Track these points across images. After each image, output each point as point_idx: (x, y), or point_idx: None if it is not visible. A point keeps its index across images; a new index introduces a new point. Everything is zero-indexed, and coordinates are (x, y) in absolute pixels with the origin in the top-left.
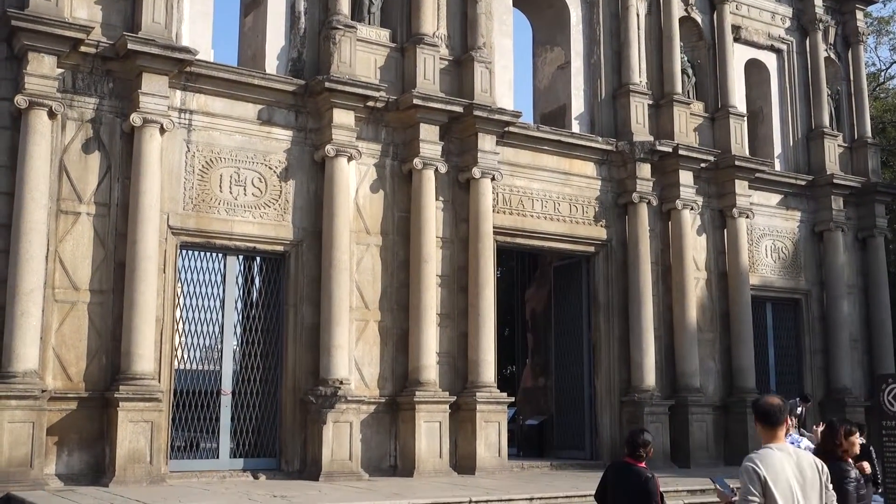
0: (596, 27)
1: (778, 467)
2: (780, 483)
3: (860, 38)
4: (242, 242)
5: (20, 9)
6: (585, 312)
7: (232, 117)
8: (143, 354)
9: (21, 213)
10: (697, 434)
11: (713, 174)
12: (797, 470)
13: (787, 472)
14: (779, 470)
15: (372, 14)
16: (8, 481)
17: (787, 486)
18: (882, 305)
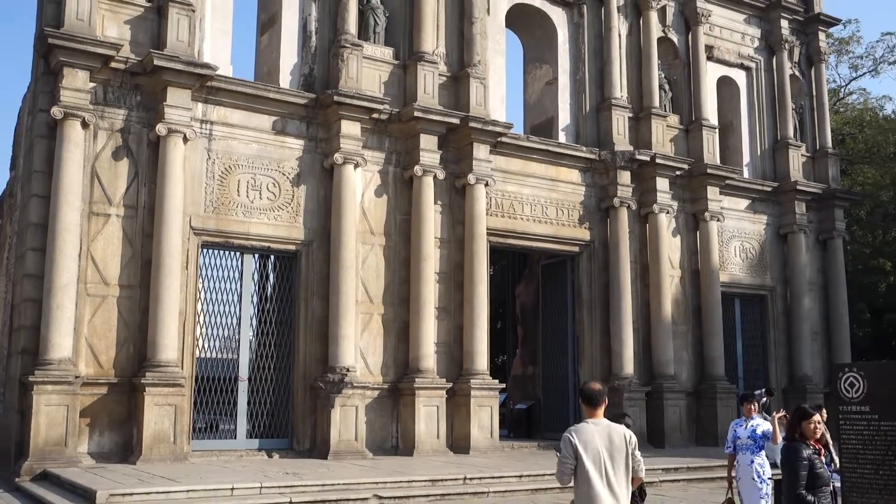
0: (581, 46)
1: (588, 437)
2: (589, 449)
3: (822, 57)
4: (258, 242)
5: (56, 28)
6: (570, 307)
7: (249, 127)
8: (168, 344)
9: (56, 215)
10: (671, 417)
11: (687, 181)
12: (607, 440)
13: (597, 440)
14: (588, 439)
15: (377, 33)
16: (45, 459)
17: (596, 451)
18: (840, 301)
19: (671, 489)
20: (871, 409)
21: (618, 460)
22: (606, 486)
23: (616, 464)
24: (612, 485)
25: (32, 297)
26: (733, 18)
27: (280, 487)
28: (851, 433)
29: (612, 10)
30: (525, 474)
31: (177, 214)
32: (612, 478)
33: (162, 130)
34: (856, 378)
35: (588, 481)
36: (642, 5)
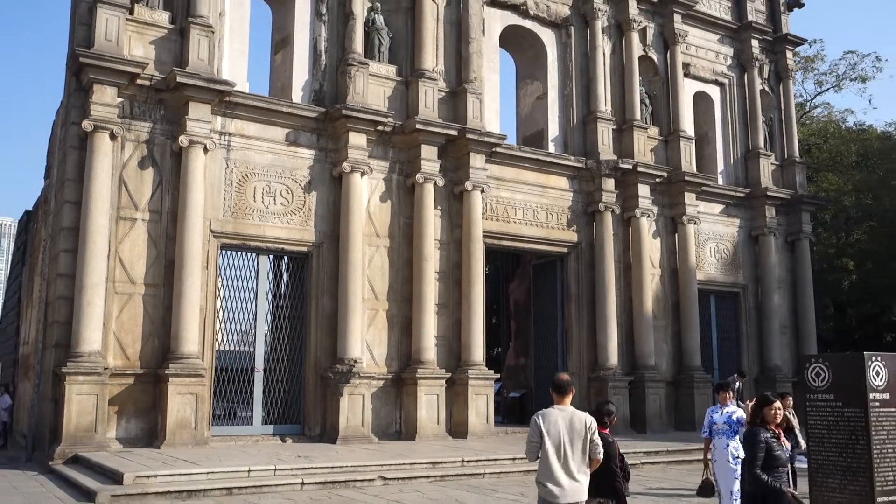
0: (569, 65)
1: (552, 420)
2: (552, 431)
3: (790, 73)
4: (272, 244)
5: (87, 48)
6: (559, 303)
7: (264, 139)
8: (189, 338)
9: (87, 219)
10: (652, 405)
11: (666, 187)
12: (568, 423)
13: (560, 424)
14: (552, 422)
15: (381, 53)
16: (76, 444)
17: (558, 433)
18: (807, 298)
19: (652, 470)
20: (835, 396)
21: (576, 443)
22: (563, 464)
23: (574, 446)
24: (568, 463)
25: (65, 294)
26: (708, 38)
27: (293, 469)
28: (817, 419)
29: (596, 31)
30: (518, 457)
31: (198, 219)
32: (570, 457)
33: (184, 142)
34: (821, 368)
35: (547, 459)
36: (624, 26)
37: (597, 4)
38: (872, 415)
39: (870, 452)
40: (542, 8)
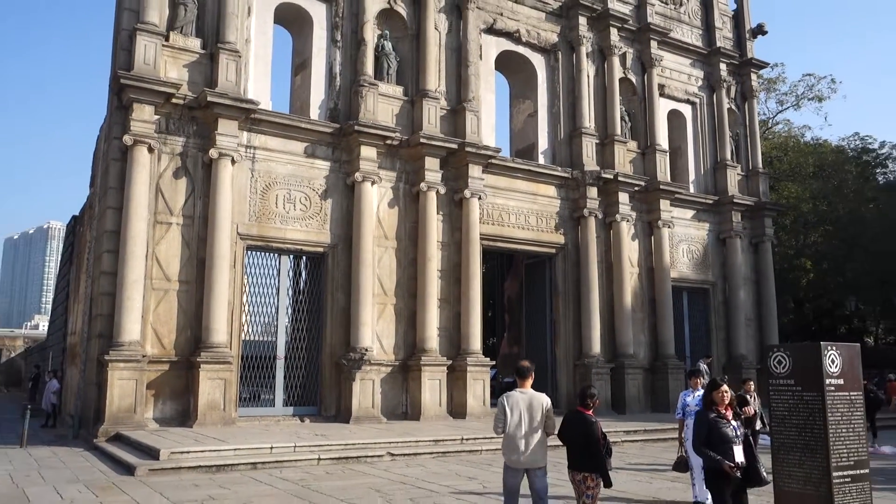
0: (556, 86)
1: (514, 401)
2: (514, 410)
3: (754, 94)
4: (292, 245)
5: (127, 70)
6: (548, 298)
7: (285, 152)
8: (219, 329)
9: (127, 223)
10: (631, 389)
11: (644, 195)
12: (528, 403)
13: (521, 404)
14: (514, 403)
15: (389, 75)
16: (118, 424)
17: (519, 412)
18: (769, 294)
19: (631, 448)
20: (795, 381)
21: (534, 419)
22: (522, 437)
23: (532, 422)
24: (526, 436)
25: (108, 290)
26: (681, 62)
27: (310, 446)
28: (779, 402)
29: (581, 56)
30: None
31: (226, 223)
32: (528, 431)
33: (214, 154)
34: (783, 357)
35: (509, 433)
36: (606, 52)
37: (581, 32)
38: (828, 398)
39: (826, 432)
40: (532, 35)
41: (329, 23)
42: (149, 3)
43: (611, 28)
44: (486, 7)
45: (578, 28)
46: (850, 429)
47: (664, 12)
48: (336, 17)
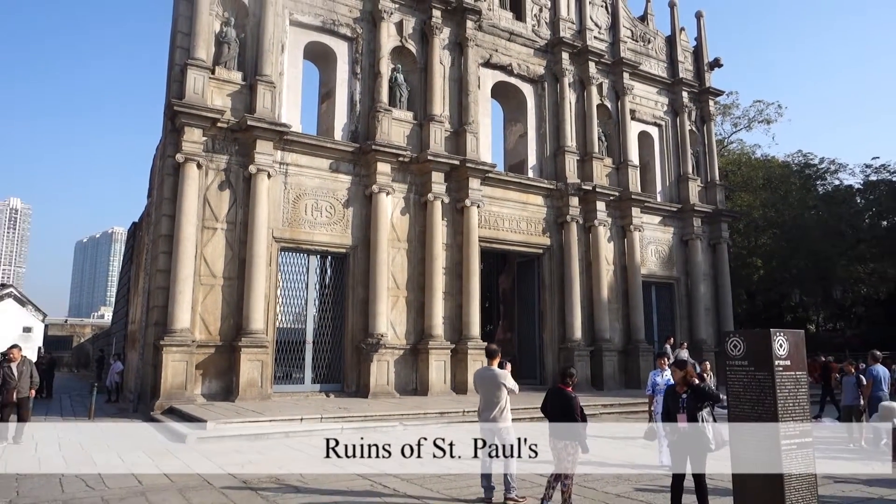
0: (543, 111)
1: (479, 376)
2: (478, 383)
3: (712, 117)
4: (319, 247)
5: (179, 98)
6: (536, 291)
7: (313, 167)
8: (257, 318)
9: (179, 229)
10: (608, 369)
11: (618, 203)
12: (489, 378)
13: (485, 378)
14: (479, 377)
15: (401, 102)
16: (171, 399)
17: (486, 385)
18: (725, 288)
19: (608, 419)
20: (748, 363)
21: (492, 389)
22: (485, 402)
23: (490, 391)
24: (489, 402)
25: (162, 285)
26: (649, 90)
27: (335, 418)
28: (735, 380)
29: (564, 86)
30: None
31: (263, 228)
32: (490, 399)
33: (253, 170)
34: (738, 341)
35: (480, 400)
36: (586, 82)
37: (564, 65)
38: (777, 377)
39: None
40: (523, 68)
41: (350, 58)
42: (198, 42)
43: (589, 62)
44: (484, 44)
45: (562, 62)
46: (796, 403)
47: (635, 48)
48: (356, 53)
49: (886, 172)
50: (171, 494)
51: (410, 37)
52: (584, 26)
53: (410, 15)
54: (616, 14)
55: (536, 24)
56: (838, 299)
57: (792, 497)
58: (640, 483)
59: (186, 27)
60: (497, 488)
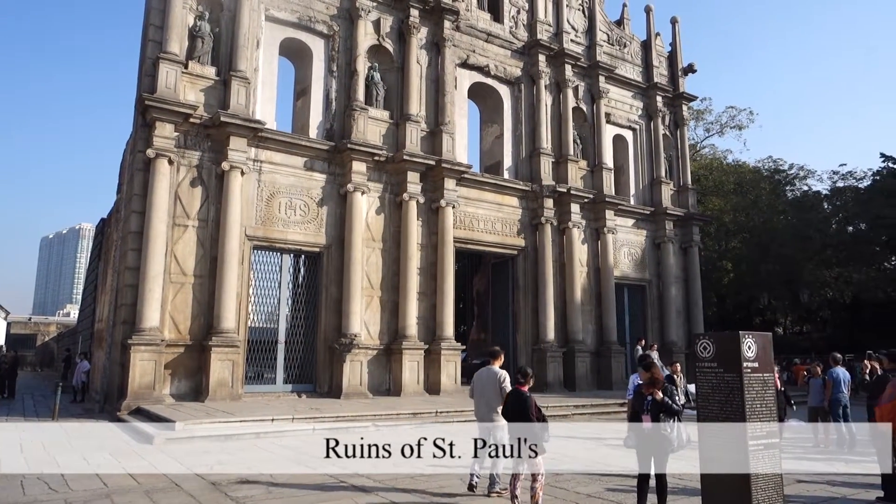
0: (520, 112)
1: (478, 376)
2: (477, 383)
3: (685, 122)
4: (293, 246)
5: (151, 93)
6: (511, 292)
7: (287, 165)
8: (228, 317)
9: (149, 225)
10: (580, 369)
11: (592, 206)
12: (486, 377)
13: (484, 378)
14: (478, 377)
15: (378, 101)
16: (138, 399)
17: (480, 384)
18: (696, 290)
19: (580, 420)
20: (718, 364)
21: (488, 388)
22: (484, 401)
23: (487, 390)
24: (487, 401)
25: (131, 283)
26: (624, 94)
27: (307, 418)
28: (704, 381)
29: (541, 88)
30: None
31: (236, 226)
32: (486, 397)
33: (226, 167)
34: (708, 343)
35: (475, 399)
36: (562, 85)
37: (541, 68)
38: (745, 379)
39: (743, 407)
40: (500, 69)
41: (326, 56)
42: (170, 35)
43: (566, 65)
44: (461, 45)
45: (538, 64)
46: (763, 404)
47: (611, 52)
48: (333, 51)
49: (853, 179)
50: (138, 496)
51: (388, 35)
52: (562, 29)
53: (388, 14)
54: (593, 18)
55: (514, 26)
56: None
57: (758, 496)
58: (611, 483)
59: (159, 20)
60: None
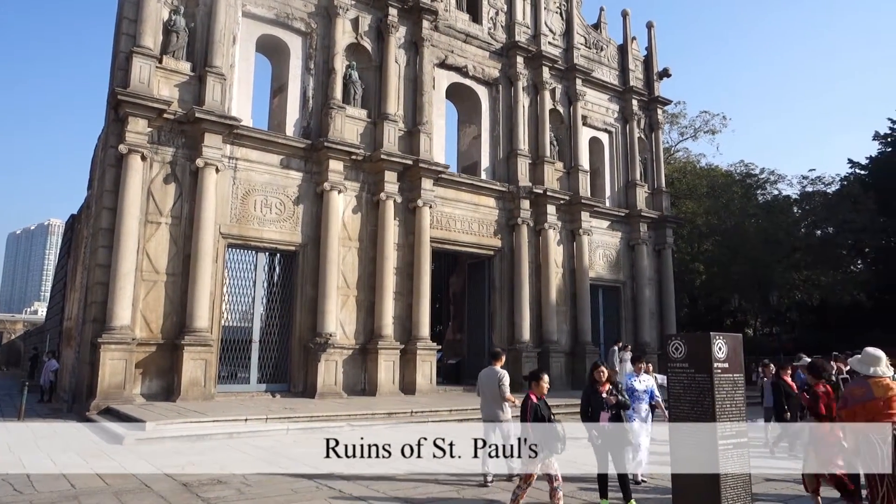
0: (497, 113)
1: (482, 375)
2: (480, 381)
3: (660, 126)
4: (268, 244)
5: (124, 87)
6: (487, 293)
7: (263, 163)
8: (201, 316)
9: (121, 222)
10: (555, 369)
11: (568, 207)
12: (489, 376)
13: (486, 377)
14: (482, 376)
15: (355, 100)
16: (108, 398)
17: (482, 384)
18: (669, 292)
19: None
20: (689, 365)
21: (490, 387)
22: (486, 399)
23: (490, 389)
24: (487, 399)
25: (102, 281)
26: (600, 97)
27: (280, 418)
28: (676, 381)
29: (518, 90)
30: (454, 409)
31: (210, 223)
32: (489, 395)
33: (200, 163)
34: (679, 344)
35: (480, 397)
36: (539, 87)
37: (519, 69)
38: (716, 379)
39: (713, 407)
40: (478, 70)
41: (304, 53)
42: (144, 29)
43: (543, 67)
44: (440, 45)
45: (516, 66)
46: (733, 404)
47: (588, 55)
48: (310, 48)
49: (821, 184)
50: (106, 497)
51: (366, 34)
52: (539, 31)
53: (366, 12)
54: (570, 21)
55: (493, 27)
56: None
57: (728, 495)
58: (584, 483)
59: (133, 13)
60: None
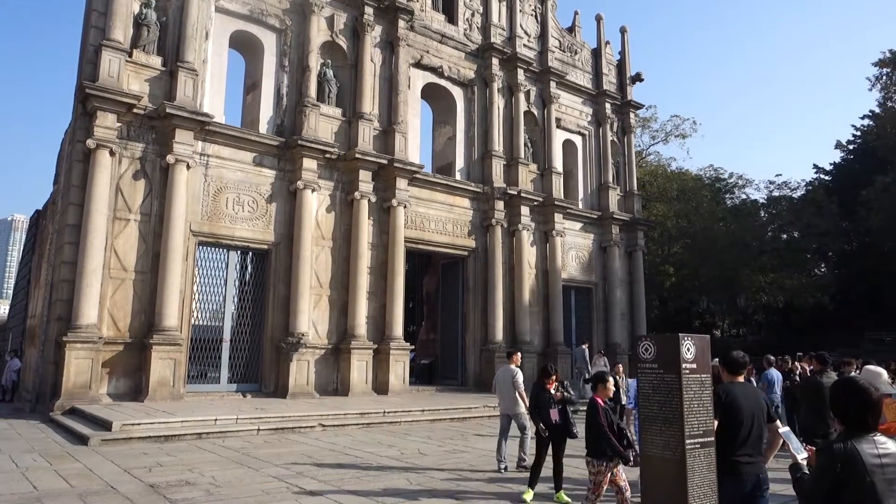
0: (472, 114)
1: (499, 372)
2: (497, 377)
3: (632, 129)
4: (240, 242)
5: (92, 81)
6: (460, 293)
7: (235, 160)
8: (170, 314)
9: (88, 219)
10: (527, 370)
11: (541, 209)
12: (505, 374)
13: (501, 374)
14: (498, 373)
15: (330, 98)
16: (73, 398)
17: (502, 381)
18: (640, 293)
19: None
20: (658, 365)
21: (506, 383)
22: (503, 395)
23: (504, 383)
24: (503, 394)
25: (67, 278)
26: (574, 100)
27: (251, 418)
28: (645, 382)
29: (493, 91)
30: (426, 409)
31: (180, 221)
32: (504, 391)
33: (171, 160)
34: (649, 345)
35: (497, 391)
36: (514, 89)
37: (494, 71)
38: (684, 380)
39: (681, 407)
40: (453, 71)
41: (278, 50)
42: (115, 22)
43: (518, 69)
44: (415, 45)
45: (492, 68)
46: (700, 404)
47: (562, 58)
48: (285, 45)
49: (787, 189)
50: (70, 500)
51: (342, 32)
52: (515, 34)
53: (342, 10)
54: (545, 24)
55: (468, 29)
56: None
57: (695, 493)
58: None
59: (102, 5)
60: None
